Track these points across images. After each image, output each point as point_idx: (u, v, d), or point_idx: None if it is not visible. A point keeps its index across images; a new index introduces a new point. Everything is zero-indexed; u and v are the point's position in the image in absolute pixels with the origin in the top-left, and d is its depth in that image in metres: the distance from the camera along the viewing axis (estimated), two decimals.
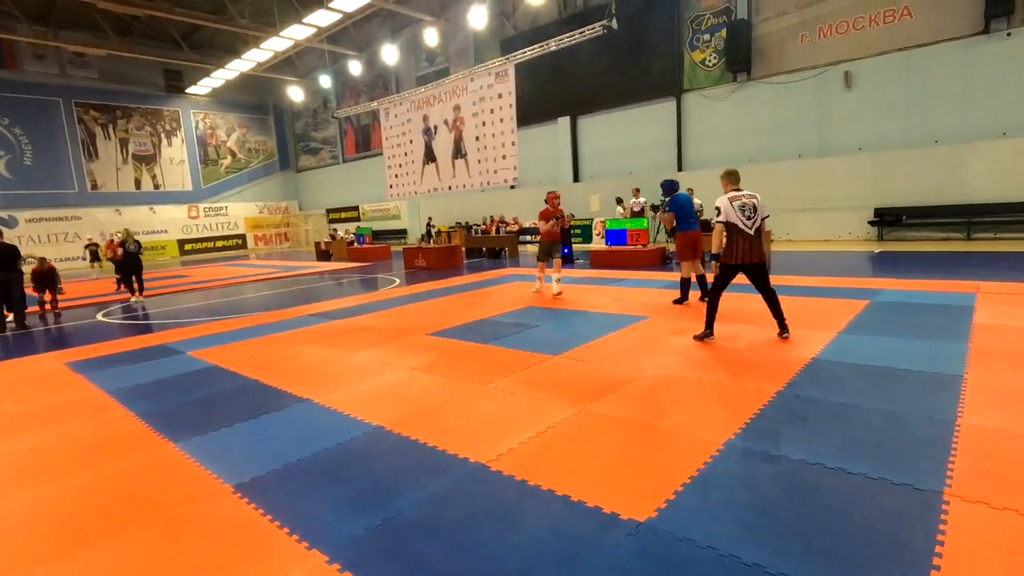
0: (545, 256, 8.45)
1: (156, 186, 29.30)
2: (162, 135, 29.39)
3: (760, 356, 4.69)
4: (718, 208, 5.03)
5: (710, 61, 16.84)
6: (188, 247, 30.06)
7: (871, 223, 14.19)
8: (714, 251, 5.11)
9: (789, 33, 15.32)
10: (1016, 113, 12.47)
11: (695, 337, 5.33)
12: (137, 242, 11.56)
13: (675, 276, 9.72)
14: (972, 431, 3.01)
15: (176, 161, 29.97)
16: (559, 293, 8.31)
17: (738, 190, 5.14)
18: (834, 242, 14.55)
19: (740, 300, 7.03)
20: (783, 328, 5.19)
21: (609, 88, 18.95)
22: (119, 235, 11.65)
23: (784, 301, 6.83)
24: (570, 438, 3.30)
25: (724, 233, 5.06)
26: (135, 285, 11.68)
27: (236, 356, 5.96)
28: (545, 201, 8.33)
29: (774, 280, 8.76)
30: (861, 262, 10.44)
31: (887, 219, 13.91)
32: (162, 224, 29.19)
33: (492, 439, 3.35)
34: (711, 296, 5.30)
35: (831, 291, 7.35)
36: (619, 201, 17.15)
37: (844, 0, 14.37)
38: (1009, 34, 12.38)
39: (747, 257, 4.99)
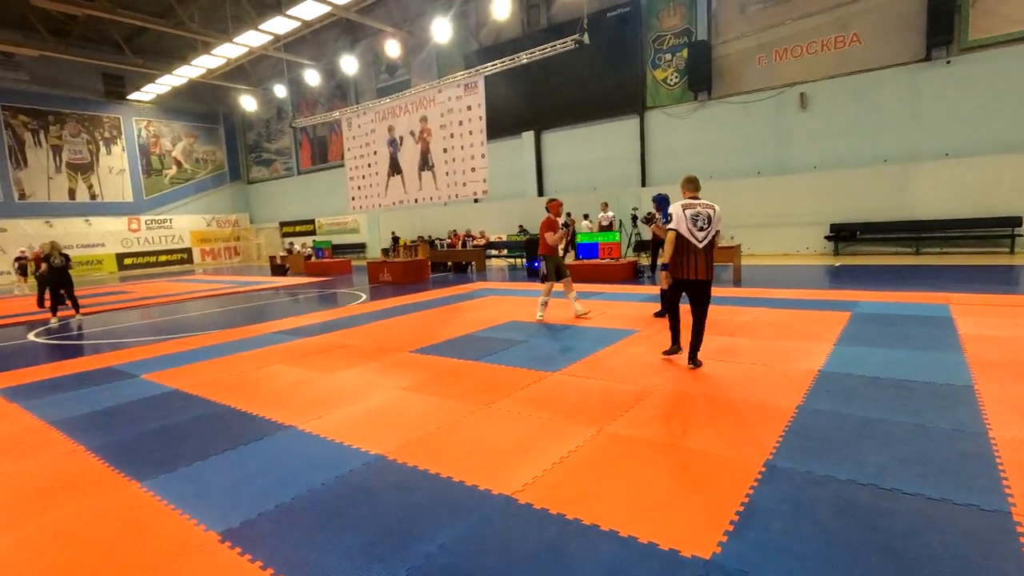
0: (555, 275, 7.39)
1: (93, 196, 27.43)
2: (100, 143, 27.62)
3: (767, 370, 4.58)
4: (670, 215, 4.65)
5: (672, 80, 17.25)
6: (128, 261, 28.21)
7: (827, 238, 14.74)
8: (665, 260, 4.70)
9: (747, 55, 15.88)
10: (957, 135, 13.27)
11: (664, 353, 5.08)
12: (65, 255, 10.38)
13: (649, 289, 9.70)
14: (1010, 445, 2.94)
15: (116, 171, 28.20)
16: (586, 312, 7.51)
17: (696, 198, 4.70)
18: (792, 256, 15.01)
19: (730, 312, 6.99)
20: (692, 357, 4.74)
21: (574, 104, 19.12)
22: (45, 246, 10.46)
23: (768, 313, 6.88)
24: (597, 464, 3.03)
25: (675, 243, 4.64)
26: (67, 302, 10.53)
27: (199, 379, 5.40)
28: (547, 209, 7.45)
29: (749, 292, 8.91)
30: (827, 275, 10.73)
31: (842, 234, 14.47)
32: (99, 237, 27.30)
33: (511, 467, 3.04)
34: (669, 315, 4.96)
35: (811, 303, 7.43)
36: (585, 216, 17.22)
37: (797, 26, 15.03)
38: (949, 62, 13.21)
39: (693, 272, 4.57)
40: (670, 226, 4.61)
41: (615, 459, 3.08)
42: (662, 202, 6.87)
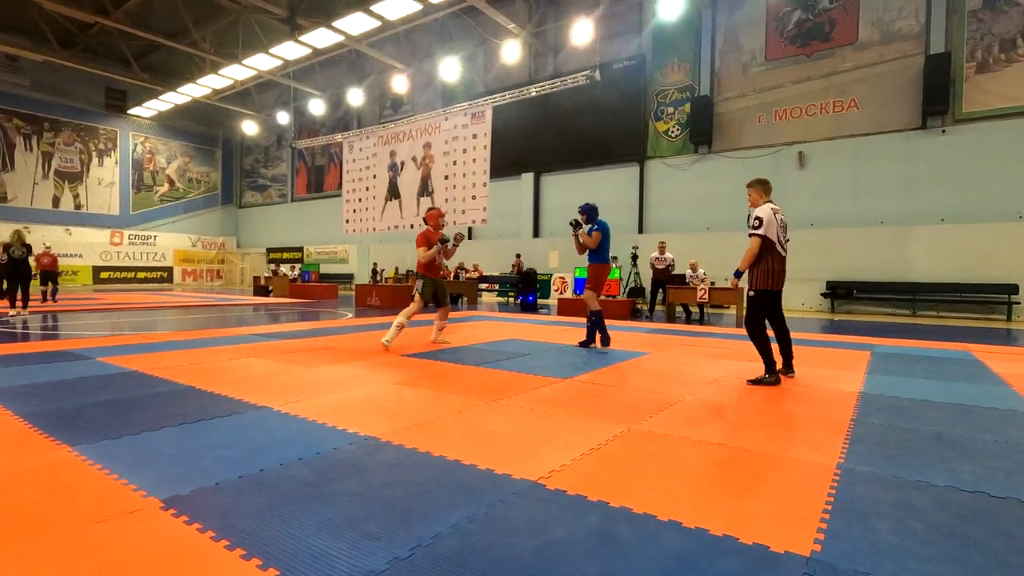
0: (432, 297, 6.27)
1: (78, 206, 26.74)
2: (93, 154, 27.22)
3: (805, 389, 4.13)
4: (760, 219, 4.23)
5: (673, 132, 17.55)
6: (104, 275, 27.21)
7: (824, 295, 14.60)
8: (743, 268, 4.33)
9: (748, 113, 16.25)
10: (952, 202, 13.45)
11: (756, 381, 4.25)
12: (26, 246, 9.71)
13: (648, 324, 9.32)
14: None
15: (105, 183, 27.67)
16: (443, 341, 6.48)
17: (773, 203, 4.40)
18: (789, 311, 14.73)
19: (745, 344, 6.58)
20: (788, 366, 4.57)
21: (575, 149, 19.31)
22: (12, 236, 9.73)
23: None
24: (636, 456, 2.52)
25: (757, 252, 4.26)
26: (19, 297, 9.71)
27: (162, 364, 4.78)
28: (425, 221, 6.35)
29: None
30: (831, 325, 10.44)
31: (839, 292, 14.35)
32: (78, 248, 26.39)
33: (531, 455, 2.51)
34: (758, 331, 4.31)
35: (824, 343, 7.08)
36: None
37: (797, 89, 15.49)
38: (944, 132, 13.56)
39: (782, 282, 4.33)
40: (759, 231, 4.22)
41: (656, 453, 2.57)
42: (595, 212, 6.39)
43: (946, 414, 3.39)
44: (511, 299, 17.11)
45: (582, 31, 15.95)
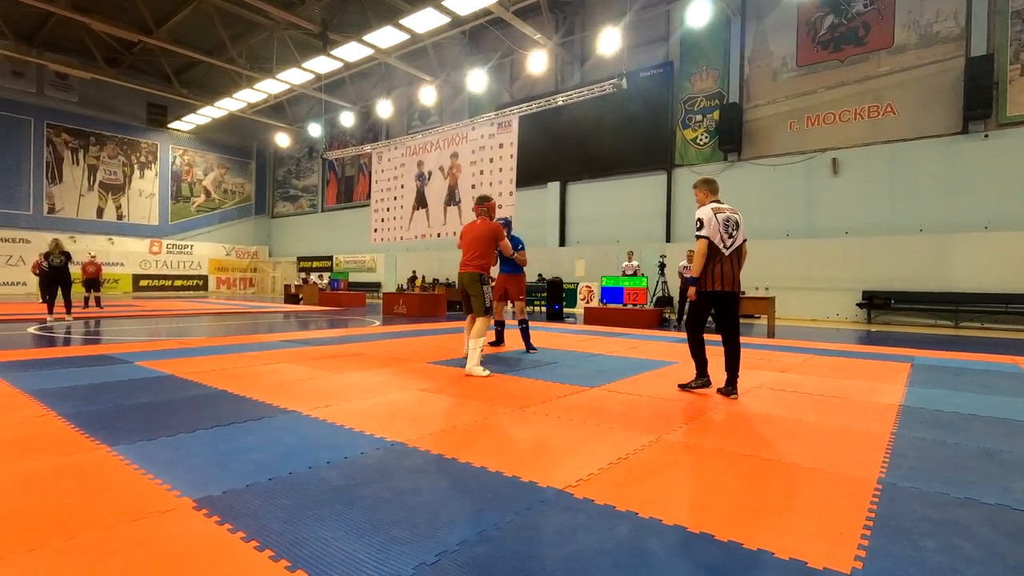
0: (487, 307, 4.98)
1: (120, 217, 27.82)
2: (135, 166, 28.32)
3: (840, 401, 3.99)
4: (700, 220, 4.14)
5: (702, 140, 17.34)
6: (143, 283, 28.18)
7: (860, 305, 14.16)
8: (695, 274, 4.14)
9: (778, 120, 15.96)
10: (997, 208, 12.92)
11: (685, 386, 4.32)
12: (65, 254, 9.98)
13: (678, 335, 9.16)
14: None
15: (146, 194, 28.74)
16: (485, 373, 4.71)
17: (718, 202, 4.32)
18: (822, 322, 14.39)
19: (775, 355, 6.42)
20: (731, 383, 4.12)
21: (601, 157, 19.25)
22: (50, 244, 10.04)
23: (818, 358, 6.29)
24: (665, 467, 2.47)
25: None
26: (59, 304, 10.04)
27: (197, 368, 4.91)
28: (486, 209, 5.35)
29: (788, 343, 8.32)
30: (867, 336, 10.11)
31: (876, 302, 13.90)
32: (119, 256, 27.42)
33: (558, 463, 2.49)
34: (693, 340, 4.29)
35: (861, 354, 6.83)
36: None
37: (829, 95, 15.15)
38: (987, 136, 13.07)
39: (720, 283, 4.07)
40: (701, 233, 4.13)
41: (686, 464, 2.51)
42: (508, 226, 6.70)
43: (995, 429, 3.24)
44: (536, 308, 17.06)
45: (609, 40, 15.93)
